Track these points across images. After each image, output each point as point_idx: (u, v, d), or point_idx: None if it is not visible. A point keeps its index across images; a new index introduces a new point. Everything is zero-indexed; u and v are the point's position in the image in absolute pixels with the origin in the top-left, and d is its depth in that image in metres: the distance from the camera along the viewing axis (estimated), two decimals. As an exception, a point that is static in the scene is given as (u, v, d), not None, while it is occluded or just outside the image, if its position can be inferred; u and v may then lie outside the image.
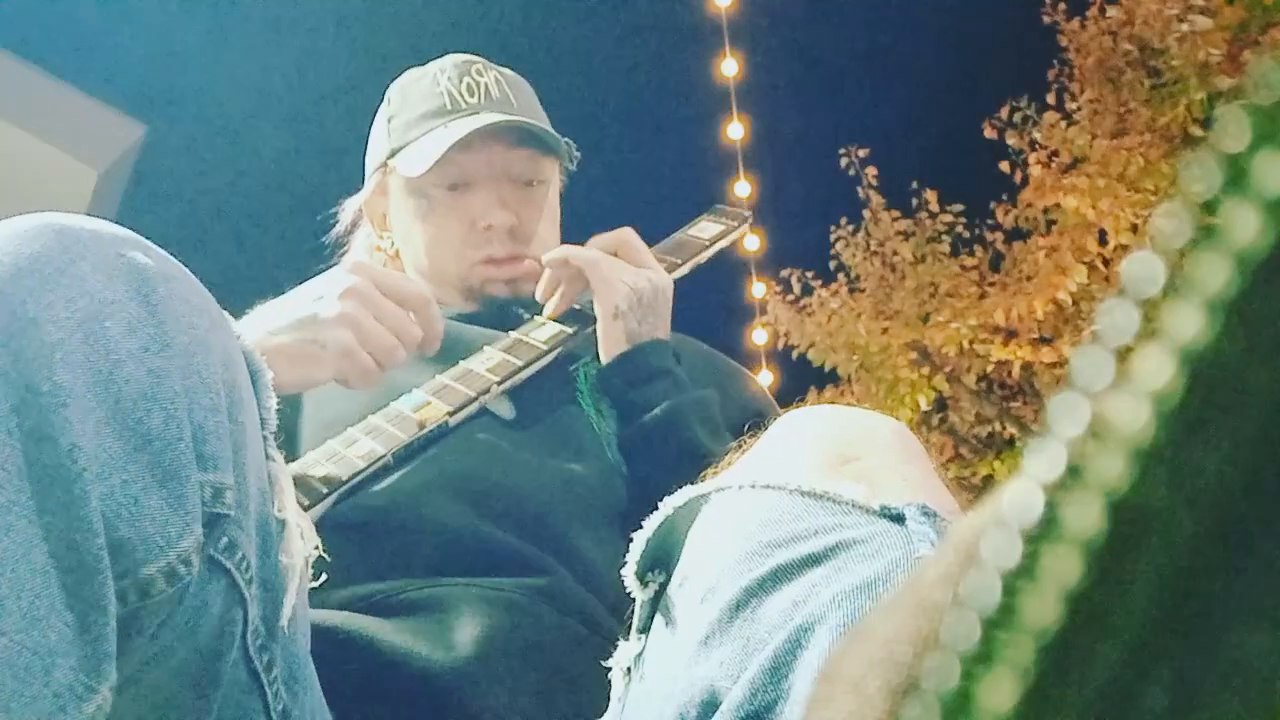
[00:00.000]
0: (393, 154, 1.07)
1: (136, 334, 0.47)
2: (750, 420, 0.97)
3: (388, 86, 1.13)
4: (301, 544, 0.57)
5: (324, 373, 0.81)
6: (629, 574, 0.58)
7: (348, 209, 1.15)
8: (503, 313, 1.01)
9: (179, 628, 0.47)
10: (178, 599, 0.46)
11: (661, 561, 0.57)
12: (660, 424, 0.89)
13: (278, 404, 0.59)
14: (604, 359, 0.95)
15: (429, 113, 1.06)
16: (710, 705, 0.46)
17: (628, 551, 0.85)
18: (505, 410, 0.92)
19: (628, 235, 1.03)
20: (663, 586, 0.57)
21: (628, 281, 0.96)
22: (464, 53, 1.11)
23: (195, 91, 5.59)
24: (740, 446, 0.62)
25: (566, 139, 1.09)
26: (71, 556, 0.41)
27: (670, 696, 0.49)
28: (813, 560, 0.47)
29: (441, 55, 1.12)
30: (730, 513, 0.53)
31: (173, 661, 0.48)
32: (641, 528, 0.86)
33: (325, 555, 0.62)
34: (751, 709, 0.43)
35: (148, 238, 0.53)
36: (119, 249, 0.49)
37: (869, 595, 0.43)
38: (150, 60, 5.15)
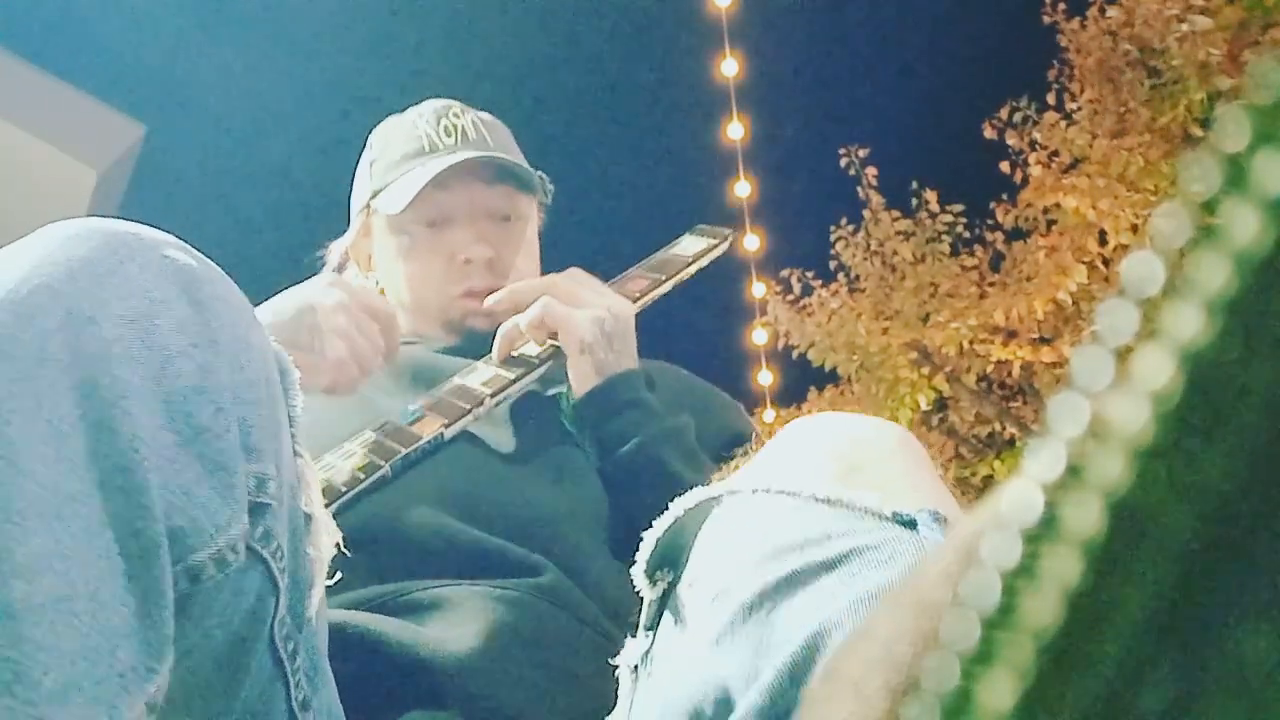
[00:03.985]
0: (374, 195, 1.11)
1: (186, 331, 0.49)
2: (730, 444, 0.99)
3: (386, 85, 1.15)
4: (327, 538, 0.59)
5: (319, 380, 0.84)
6: (638, 572, 0.59)
7: (334, 251, 1.19)
8: (484, 344, 1.03)
9: (220, 614, 0.49)
10: (222, 586, 0.48)
11: (670, 560, 0.58)
12: (634, 456, 0.90)
13: None
14: (576, 394, 0.96)
15: (408, 154, 1.10)
16: (724, 704, 0.47)
17: (621, 559, 0.87)
18: (497, 439, 0.93)
19: (575, 273, 1.05)
20: (671, 585, 0.57)
21: (588, 314, 0.97)
22: (464, 51, 1.12)
23: (195, 91, 5.59)
24: (746, 453, 0.62)
25: (540, 173, 1.13)
26: (133, 543, 0.43)
27: (681, 694, 0.50)
28: (827, 566, 0.47)
29: (443, 54, 1.14)
30: (742, 516, 0.54)
31: (211, 646, 0.49)
32: (632, 537, 0.87)
33: (345, 552, 0.63)
34: (773, 714, 0.44)
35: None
36: (163, 251, 0.51)
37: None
38: (150, 60, 5.15)
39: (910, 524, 0.48)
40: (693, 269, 1.13)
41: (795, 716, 0.42)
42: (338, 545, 0.61)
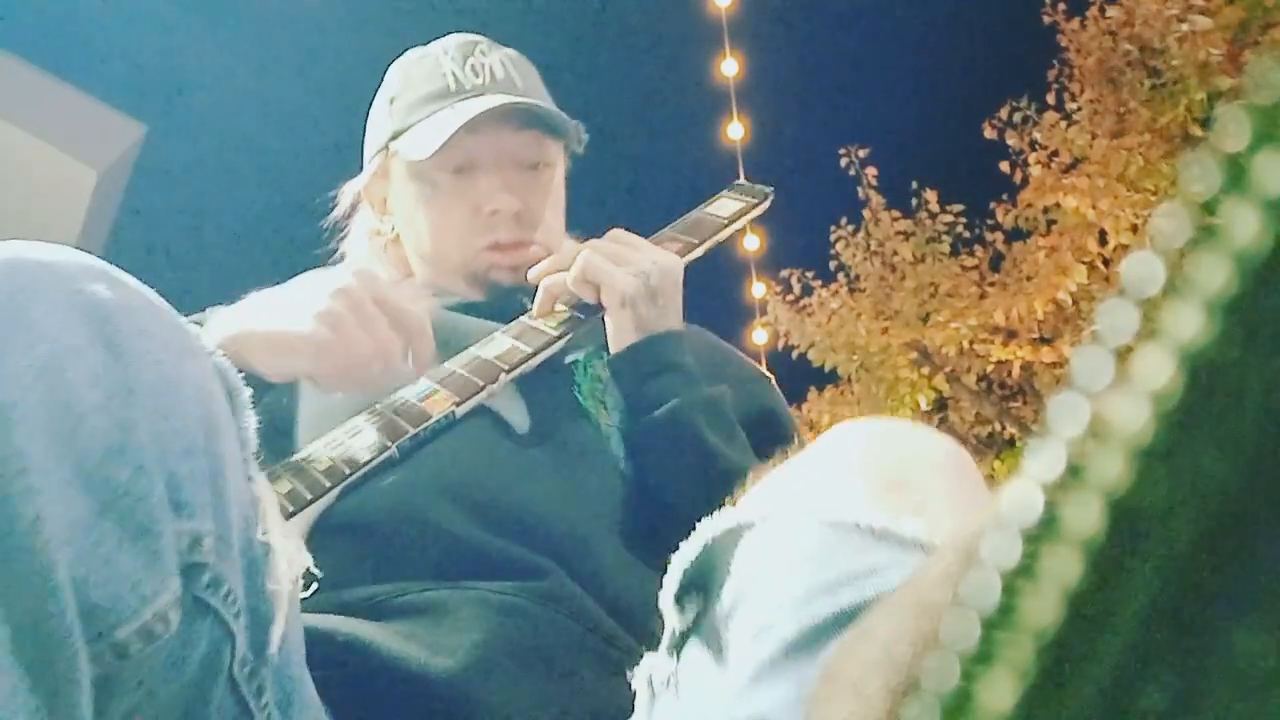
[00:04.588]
0: (395, 136, 1.05)
1: (100, 382, 0.44)
2: (759, 419, 0.96)
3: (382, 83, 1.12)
4: (288, 568, 0.55)
5: (298, 365, 0.78)
6: (666, 600, 0.55)
7: (346, 193, 1.12)
8: (507, 300, 0.99)
9: (164, 673, 0.46)
10: (158, 651, 0.45)
11: (699, 586, 0.55)
12: (667, 422, 0.87)
13: (280, 396, 0.56)
14: (613, 349, 0.92)
15: (433, 94, 1.03)
16: None
17: (631, 554, 0.83)
18: (510, 413, 0.90)
19: (619, 233, 1.00)
20: (701, 612, 0.54)
21: (632, 268, 0.93)
22: (464, 52, 1.10)
23: (195, 91, 5.59)
24: (786, 453, 0.60)
25: (575, 120, 1.06)
26: (38, 631, 0.39)
27: None
28: (875, 604, 0.44)
29: (441, 54, 1.11)
30: (783, 545, 0.51)
31: (160, 700, 0.47)
32: (647, 532, 0.84)
33: (315, 570, 0.61)
34: None
35: (148, 237, 0.52)
36: (76, 284, 0.46)
37: None
38: (150, 60, 5.15)
39: None
40: (728, 231, 1.06)
41: None
42: (309, 569, 0.58)
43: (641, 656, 0.58)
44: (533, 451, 0.86)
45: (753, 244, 6.34)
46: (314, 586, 0.61)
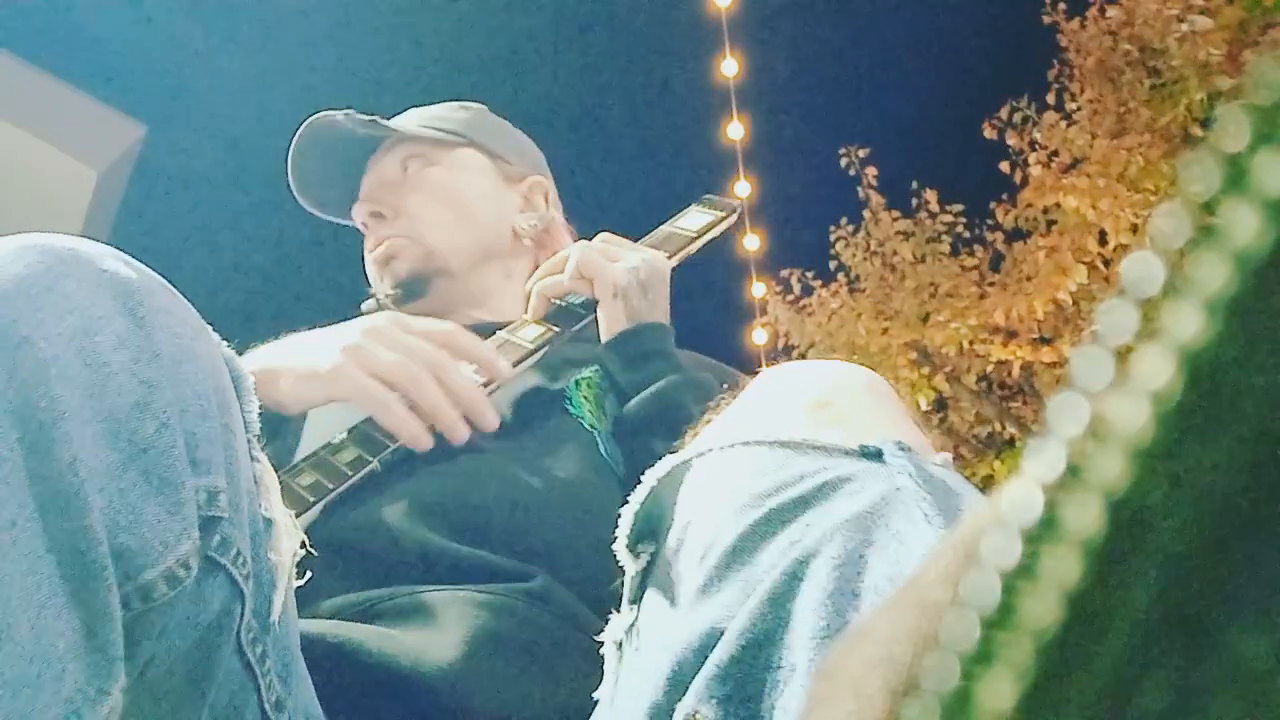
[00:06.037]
0: None
1: (126, 346, 0.48)
2: None
3: (387, 86, 1.18)
4: (288, 541, 0.58)
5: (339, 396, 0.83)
6: (620, 547, 0.58)
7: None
8: (440, 306, 1.08)
9: (180, 625, 0.49)
10: (179, 600, 0.47)
11: (650, 532, 0.58)
12: (656, 399, 0.89)
13: (262, 408, 0.59)
14: (604, 338, 0.96)
15: None
16: (709, 645, 0.47)
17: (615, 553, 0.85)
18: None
19: (609, 236, 1.06)
20: (653, 557, 0.57)
21: (624, 262, 0.98)
22: (464, 51, 1.14)
23: (195, 91, 5.59)
24: (716, 407, 0.62)
25: (379, 118, 1.15)
26: (77, 565, 0.42)
27: (666, 647, 0.50)
28: (803, 502, 0.48)
29: (443, 55, 1.15)
30: (716, 473, 0.54)
31: (175, 656, 0.49)
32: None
33: (312, 551, 0.62)
34: (752, 636, 0.45)
35: (147, 237, 0.53)
36: (101, 264, 0.50)
37: (859, 528, 0.45)
38: (150, 60, 5.15)
39: (877, 455, 0.50)
40: (697, 245, 1.09)
41: (776, 638, 0.44)
42: (304, 545, 0.60)
43: None
44: (518, 461, 0.87)
45: (753, 244, 6.34)
46: (309, 574, 0.62)
